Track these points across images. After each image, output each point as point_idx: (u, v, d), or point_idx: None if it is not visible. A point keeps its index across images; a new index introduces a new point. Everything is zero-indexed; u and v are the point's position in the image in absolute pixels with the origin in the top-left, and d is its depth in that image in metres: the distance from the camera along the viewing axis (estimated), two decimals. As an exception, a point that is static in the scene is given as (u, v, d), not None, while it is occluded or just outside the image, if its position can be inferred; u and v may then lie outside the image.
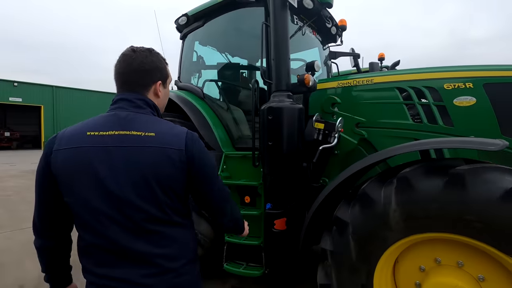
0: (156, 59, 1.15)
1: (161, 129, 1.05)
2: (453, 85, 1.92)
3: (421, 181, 1.34)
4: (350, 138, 2.17)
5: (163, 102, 1.22)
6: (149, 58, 1.12)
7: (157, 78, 1.14)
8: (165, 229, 1.03)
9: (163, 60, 1.19)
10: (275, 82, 2.08)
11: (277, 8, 2.07)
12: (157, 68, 1.14)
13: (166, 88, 1.21)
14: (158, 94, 1.15)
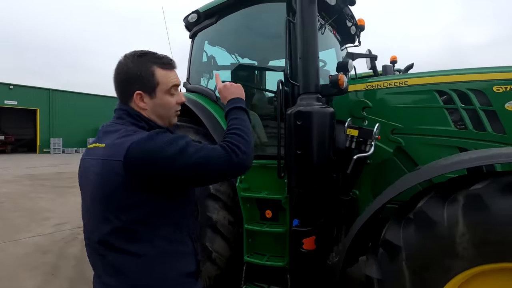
0: (136, 66, 1.02)
1: (114, 139, 0.95)
2: (504, 87, 1.72)
3: (498, 200, 1.12)
4: (385, 146, 1.96)
5: (156, 112, 1.07)
6: (127, 66, 1.04)
7: (135, 88, 1.03)
8: (110, 254, 0.92)
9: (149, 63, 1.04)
10: (302, 83, 1.85)
11: (305, 3, 1.86)
12: (134, 77, 1.02)
13: (154, 98, 1.05)
14: (139, 105, 1.04)
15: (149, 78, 1.03)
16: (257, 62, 3.51)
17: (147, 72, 1.03)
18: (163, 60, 1.07)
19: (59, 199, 6.62)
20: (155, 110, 1.07)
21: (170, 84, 1.07)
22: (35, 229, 4.37)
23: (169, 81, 1.06)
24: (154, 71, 1.04)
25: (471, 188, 1.19)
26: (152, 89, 1.04)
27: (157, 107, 1.07)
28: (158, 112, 1.08)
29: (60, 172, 11.35)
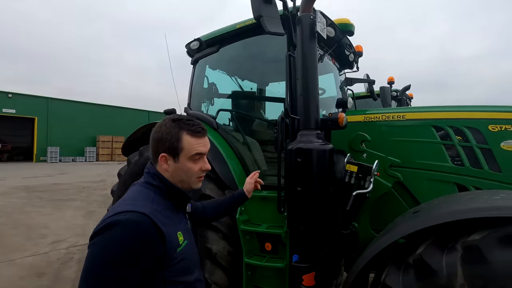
0: (167, 130, 1.10)
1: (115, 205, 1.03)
2: (499, 126, 1.76)
3: (497, 253, 1.14)
4: (384, 180, 1.98)
5: (176, 177, 1.13)
6: (161, 128, 1.12)
7: (161, 149, 1.11)
8: None
9: (177, 129, 1.10)
10: (303, 118, 1.89)
11: (305, 40, 1.91)
12: (163, 139, 1.10)
13: (178, 162, 1.11)
14: (162, 167, 1.12)
15: (174, 143, 1.09)
16: (257, 84, 3.57)
17: (174, 137, 1.09)
18: (193, 127, 1.12)
19: (56, 213, 6.55)
20: (177, 173, 1.12)
21: (193, 152, 1.11)
22: (31, 248, 4.31)
23: (193, 148, 1.11)
24: (181, 137, 1.10)
25: (469, 238, 1.21)
26: (176, 154, 1.10)
27: (179, 171, 1.12)
28: (179, 176, 1.13)
29: (56, 183, 11.25)
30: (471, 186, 1.81)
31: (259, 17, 1.74)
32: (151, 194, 1.08)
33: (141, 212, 0.95)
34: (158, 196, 1.10)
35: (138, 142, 3.00)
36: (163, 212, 1.05)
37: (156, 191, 1.10)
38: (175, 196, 1.15)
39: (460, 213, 1.25)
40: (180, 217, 1.18)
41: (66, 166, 19.96)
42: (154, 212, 0.99)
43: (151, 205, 1.02)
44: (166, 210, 1.09)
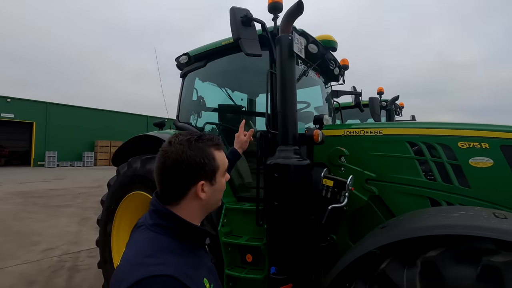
0: (197, 153, 0.93)
1: (126, 259, 0.84)
2: (468, 144, 1.84)
3: (450, 269, 1.20)
4: (360, 194, 2.05)
5: (213, 200, 1.01)
6: (186, 154, 0.92)
7: (198, 178, 0.94)
8: None
9: (206, 148, 0.96)
10: (281, 134, 1.97)
11: (284, 59, 2.00)
12: (199, 165, 0.93)
13: (214, 184, 0.98)
14: (199, 196, 0.95)
15: (212, 164, 0.97)
16: (247, 95, 3.65)
17: (209, 157, 0.96)
18: (216, 141, 1.02)
19: (50, 220, 6.58)
20: (213, 197, 1.00)
21: (226, 165, 1.04)
22: (23, 256, 4.35)
23: (224, 161, 1.03)
24: (214, 155, 0.98)
25: (426, 254, 1.28)
26: (213, 175, 0.98)
27: (216, 194, 1.01)
28: (215, 199, 1.02)
29: (53, 189, 11.28)
30: (443, 201, 1.88)
31: (238, 39, 1.82)
32: (166, 241, 0.89)
33: (164, 274, 0.77)
34: (174, 240, 0.91)
35: (128, 152, 3.07)
36: (184, 261, 0.87)
37: (170, 234, 0.91)
38: (193, 236, 0.97)
39: (414, 231, 1.32)
40: (201, 257, 1.00)
41: (64, 171, 19.98)
42: (177, 268, 0.81)
43: (171, 258, 0.84)
44: (186, 256, 0.90)
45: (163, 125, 3.20)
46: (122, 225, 2.87)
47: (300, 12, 1.92)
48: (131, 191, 2.70)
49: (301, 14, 1.93)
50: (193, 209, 0.97)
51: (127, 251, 0.89)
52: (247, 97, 3.66)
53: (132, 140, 2.98)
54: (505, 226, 1.20)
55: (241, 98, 3.57)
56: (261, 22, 2.05)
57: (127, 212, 2.85)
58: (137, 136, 2.93)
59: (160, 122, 3.16)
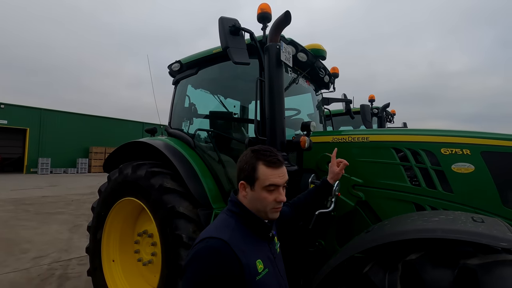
0: (246, 159, 1.22)
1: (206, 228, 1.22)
2: (450, 150, 1.89)
3: (429, 272, 1.23)
4: (347, 199, 2.08)
5: (253, 205, 1.21)
6: (243, 158, 1.24)
7: (240, 177, 1.22)
8: None
9: (254, 159, 1.20)
10: (269, 141, 2.00)
11: (272, 67, 2.05)
12: (242, 168, 1.21)
13: (254, 191, 1.19)
14: (242, 194, 1.23)
15: (251, 172, 1.18)
16: (240, 102, 3.69)
17: (251, 166, 1.19)
18: (269, 158, 1.19)
19: (41, 227, 6.49)
20: (253, 202, 1.20)
21: (267, 182, 1.17)
22: (12, 264, 4.28)
23: (268, 178, 1.17)
24: (257, 166, 1.18)
25: (407, 258, 1.31)
26: (253, 183, 1.19)
27: (254, 200, 1.20)
28: (255, 204, 1.20)
29: (45, 196, 11.14)
30: (427, 206, 1.92)
31: (226, 48, 1.87)
32: (232, 221, 1.18)
33: (220, 238, 1.06)
34: (239, 223, 1.18)
35: (120, 158, 3.08)
36: (242, 239, 1.12)
37: (236, 218, 1.19)
38: (254, 224, 1.20)
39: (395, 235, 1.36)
40: (261, 245, 1.22)
41: (57, 177, 19.74)
42: (232, 239, 1.08)
43: (230, 232, 1.11)
44: (246, 237, 1.15)
45: (155, 131, 3.22)
46: (113, 232, 2.86)
47: (287, 22, 1.97)
48: (121, 197, 2.70)
49: (288, 24, 1.99)
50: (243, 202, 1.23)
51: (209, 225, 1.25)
52: (240, 104, 3.70)
53: (124, 146, 3.00)
54: (481, 230, 1.24)
55: (234, 105, 3.62)
56: (250, 31, 2.10)
57: (117, 219, 2.84)
58: (128, 143, 2.95)
59: (152, 128, 3.18)
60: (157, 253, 2.59)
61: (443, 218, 1.45)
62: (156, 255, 2.59)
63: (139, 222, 2.91)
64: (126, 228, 2.90)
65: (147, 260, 2.65)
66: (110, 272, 2.79)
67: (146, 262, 2.65)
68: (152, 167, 2.53)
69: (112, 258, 2.84)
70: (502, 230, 1.25)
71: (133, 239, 2.88)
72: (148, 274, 2.72)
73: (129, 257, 2.86)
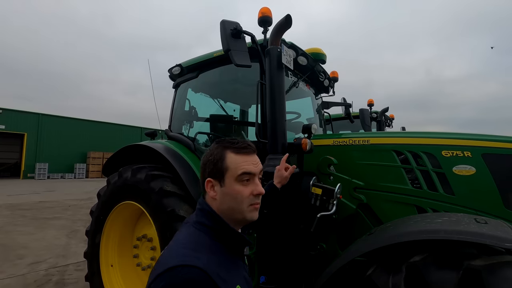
0: (211, 152, 1.01)
1: (167, 250, 0.90)
2: (451, 152, 1.89)
3: (433, 273, 1.22)
4: (348, 202, 2.07)
5: (226, 206, 0.98)
6: (207, 152, 1.03)
7: (206, 174, 1.00)
8: None
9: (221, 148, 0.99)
10: (270, 143, 2.00)
11: (273, 70, 2.06)
12: (207, 162, 1.00)
13: (223, 186, 0.97)
14: (209, 193, 0.99)
15: (218, 163, 0.97)
16: (240, 105, 3.70)
17: (217, 156, 0.98)
18: (237, 144, 1.00)
19: (37, 233, 6.42)
20: (225, 201, 0.97)
21: (240, 171, 0.96)
22: (8, 270, 4.21)
23: (240, 166, 0.97)
24: (224, 156, 0.98)
25: (411, 260, 1.30)
26: (221, 176, 0.97)
27: (227, 198, 0.97)
28: (228, 204, 0.97)
29: (42, 201, 11.04)
30: (429, 208, 1.92)
31: (228, 51, 1.88)
32: (204, 237, 0.93)
33: (196, 266, 0.81)
34: (213, 240, 0.94)
35: (119, 162, 3.06)
36: (219, 262, 0.89)
37: (210, 233, 0.94)
38: (230, 239, 0.97)
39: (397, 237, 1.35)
40: (238, 265, 1.00)
41: (54, 183, 19.60)
42: (210, 265, 0.84)
43: (206, 255, 0.86)
44: (222, 257, 0.92)
45: (155, 135, 3.21)
46: (111, 236, 2.83)
47: (288, 25, 1.99)
48: (121, 201, 2.68)
49: (289, 27, 2.00)
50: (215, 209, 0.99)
51: (170, 244, 0.94)
52: (240, 108, 3.71)
53: (124, 150, 2.98)
54: (485, 231, 1.23)
55: (234, 109, 3.62)
56: (251, 34, 2.12)
57: (116, 223, 2.81)
58: (128, 146, 2.94)
59: (152, 132, 3.17)
60: (156, 257, 2.56)
61: (446, 220, 1.44)
62: (155, 259, 2.56)
63: (138, 226, 2.88)
64: (125, 232, 2.87)
65: (146, 265, 2.62)
66: (108, 277, 2.75)
67: (145, 266, 2.62)
68: (152, 170, 2.52)
69: (110, 263, 2.80)
70: (506, 231, 1.24)
71: (132, 244, 2.85)
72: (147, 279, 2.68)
73: (128, 262, 2.83)
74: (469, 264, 1.17)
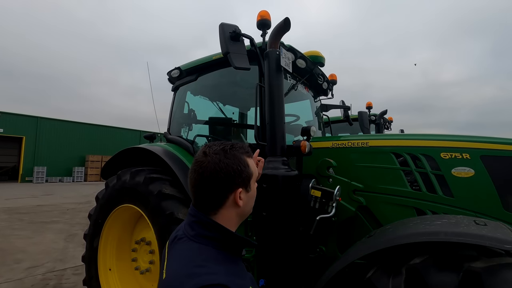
0: (232, 162, 0.95)
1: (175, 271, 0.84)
2: (450, 154, 1.90)
3: (433, 275, 1.22)
4: (348, 205, 2.07)
5: (248, 206, 1.03)
6: (224, 162, 0.93)
7: (236, 185, 0.95)
8: None
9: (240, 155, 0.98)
10: (269, 146, 2.00)
11: (272, 72, 2.06)
12: (237, 172, 0.94)
13: (250, 191, 1.00)
14: (237, 203, 0.96)
15: (247, 171, 0.98)
16: (239, 108, 3.70)
17: (244, 164, 0.98)
18: (246, 149, 1.04)
19: (35, 237, 6.37)
20: (248, 204, 1.02)
21: (257, 173, 1.06)
22: (5, 274, 4.17)
23: (256, 168, 1.06)
24: (247, 162, 1.00)
25: (411, 262, 1.29)
26: (248, 182, 1.00)
27: (250, 200, 1.03)
28: (250, 206, 1.03)
29: (40, 205, 10.97)
30: (428, 210, 1.92)
31: (227, 54, 1.89)
32: (211, 251, 0.90)
33: (221, 283, 0.77)
34: (217, 250, 0.91)
35: (118, 165, 3.05)
36: (233, 272, 0.88)
37: (214, 244, 0.92)
38: (234, 246, 0.97)
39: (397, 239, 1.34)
40: (241, 266, 1.00)
41: (53, 186, 19.51)
42: (229, 278, 0.82)
43: (222, 269, 0.84)
44: (231, 265, 0.91)
45: (154, 137, 3.20)
46: (110, 240, 2.81)
47: (287, 28, 2.00)
48: (119, 204, 2.66)
49: (288, 30, 2.01)
50: (231, 217, 0.98)
51: (174, 264, 0.89)
52: (239, 110, 3.71)
53: (122, 152, 2.97)
54: (484, 232, 1.23)
55: (233, 112, 3.63)
56: (250, 37, 2.12)
57: (115, 226, 2.79)
58: (127, 149, 2.93)
59: (151, 134, 3.17)
60: (155, 261, 2.54)
61: (446, 222, 1.44)
62: (154, 263, 2.54)
63: (137, 229, 2.86)
64: (124, 235, 2.85)
65: (145, 269, 2.60)
66: (106, 281, 2.73)
67: (143, 270, 2.60)
68: (151, 173, 2.51)
69: (109, 267, 2.78)
70: (505, 232, 1.24)
71: (131, 247, 2.83)
72: (146, 283, 2.66)
73: (126, 266, 2.81)
74: (469, 266, 1.16)
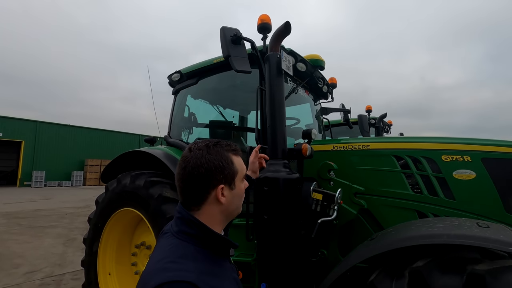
0: (216, 156, 0.95)
1: (150, 265, 0.85)
2: (451, 157, 1.90)
3: (437, 278, 1.21)
4: (349, 208, 2.06)
5: (233, 205, 1.01)
6: (206, 158, 0.94)
7: (216, 181, 0.95)
8: None
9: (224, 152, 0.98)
10: (270, 149, 2.00)
11: (273, 76, 2.07)
12: (218, 168, 0.94)
13: (234, 189, 0.99)
14: (219, 200, 0.95)
15: (231, 167, 0.98)
16: (239, 112, 3.71)
17: (227, 161, 0.97)
18: (233, 146, 1.04)
19: (33, 241, 6.32)
20: (233, 202, 1.00)
21: (244, 170, 1.06)
22: (3, 279, 4.13)
23: (243, 167, 1.05)
24: (232, 159, 0.99)
25: (414, 265, 1.29)
26: (232, 179, 0.99)
27: (235, 199, 1.01)
28: (236, 204, 1.02)
29: (38, 209, 10.91)
30: (430, 213, 1.91)
31: (228, 57, 1.90)
32: (190, 248, 0.89)
33: (187, 281, 0.77)
34: (198, 248, 0.90)
35: (118, 169, 3.04)
36: (209, 271, 0.87)
37: (194, 242, 0.91)
38: (217, 245, 0.95)
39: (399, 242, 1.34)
40: (225, 268, 0.98)
41: (51, 190, 19.42)
42: (200, 276, 0.81)
43: (194, 266, 0.83)
44: (211, 265, 0.90)
45: (154, 141, 3.20)
46: (109, 244, 2.79)
47: (288, 32, 2.01)
48: (119, 208, 2.65)
49: (288, 34, 2.02)
50: (214, 214, 0.98)
51: (152, 257, 0.91)
52: (239, 114, 3.72)
53: (123, 156, 2.97)
54: (487, 235, 1.23)
55: (233, 116, 3.63)
56: (250, 40, 2.14)
57: (115, 230, 2.78)
58: (127, 152, 2.92)
59: (151, 138, 3.16)
60: (155, 265, 2.52)
61: (448, 224, 1.44)
62: (154, 267, 2.52)
63: (137, 233, 2.85)
64: (124, 239, 2.84)
65: (145, 273, 2.58)
66: (106, 286, 2.71)
67: (143, 274, 2.58)
68: (151, 176, 2.51)
69: (108, 271, 2.76)
70: (508, 235, 1.24)
71: (130, 251, 2.81)
72: None
73: (126, 270, 2.79)
74: (472, 269, 1.16)
